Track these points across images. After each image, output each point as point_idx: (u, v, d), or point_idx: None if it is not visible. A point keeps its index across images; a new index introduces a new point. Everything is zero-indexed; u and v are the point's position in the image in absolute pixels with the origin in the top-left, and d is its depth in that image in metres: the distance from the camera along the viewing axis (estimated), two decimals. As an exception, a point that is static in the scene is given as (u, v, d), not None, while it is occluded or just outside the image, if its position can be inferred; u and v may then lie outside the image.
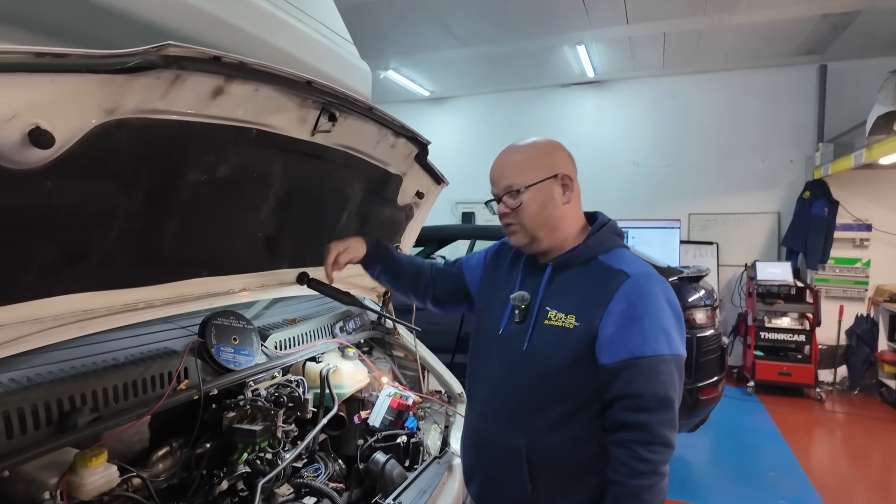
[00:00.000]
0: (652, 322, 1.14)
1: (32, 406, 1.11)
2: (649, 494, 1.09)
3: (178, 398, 1.38)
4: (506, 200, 1.26)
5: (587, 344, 1.16)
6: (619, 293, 1.16)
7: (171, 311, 1.37)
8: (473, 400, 1.39)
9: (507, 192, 1.26)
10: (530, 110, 7.43)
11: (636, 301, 1.15)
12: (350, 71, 2.08)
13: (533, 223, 1.25)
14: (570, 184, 1.28)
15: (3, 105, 0.76)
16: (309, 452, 1.80)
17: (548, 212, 1.25)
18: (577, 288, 1.22)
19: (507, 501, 1.26)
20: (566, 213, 1.28)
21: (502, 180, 1.27)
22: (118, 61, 0.86)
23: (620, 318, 1.14)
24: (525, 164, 1.26)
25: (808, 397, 5.55)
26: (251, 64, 1.06)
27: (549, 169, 1.26)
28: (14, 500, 1.12)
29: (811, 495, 3.51)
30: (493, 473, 1.29)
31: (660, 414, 1.11)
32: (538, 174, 1.25)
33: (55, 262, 1.02)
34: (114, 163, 0.99)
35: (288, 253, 1.67)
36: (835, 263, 5.92)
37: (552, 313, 1.22)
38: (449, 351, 3.63)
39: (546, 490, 1.20)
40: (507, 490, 1.24)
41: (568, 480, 1.20)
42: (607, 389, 1.15)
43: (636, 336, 1.13)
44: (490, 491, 1.30)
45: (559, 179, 1.26)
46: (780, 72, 6.21)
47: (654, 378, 1.12)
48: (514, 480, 1.22)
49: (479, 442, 1.33)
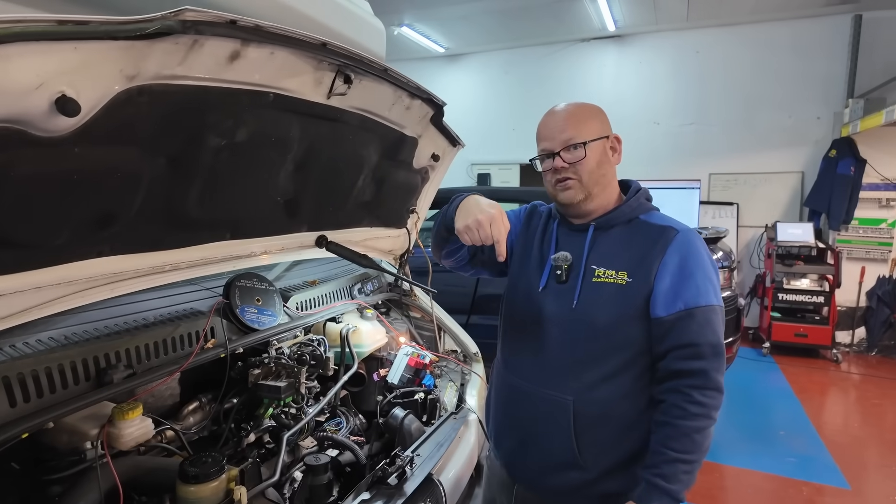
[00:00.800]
0: (703, 275, 1.18)
1: (72, 363, 1.17)
2: (700, 436, 1.12)
3: (206, 356, 1.43)
4: (563, 155, 1.24)
5: (641, 298, 1.19)
6: (672, 248, 1.20)
7: (196, 273, 1.41)
8: (510, 359, 1.39)
9: (565, 146, 1.24)
10: (548, 67, 7.25)
11: (687, 255, 1.19)
12: (364, 29, 2.04)
13: (591, 178, 1.25)
14: (618, 147, 1.31)
15: (30, 73, 0.78)
16: (331, 407, 1.88)
17: (604, 168, 1.27)
18: (625, 245, 1.25)
19: (548, 457, 1.26)
20: (614, 175, 1.32)
21: (562, 133, 1.24)
22: (137, 27, 0.87)
23: (675, 271, 1.18)
24: (584, 121, 1.26)
25: (824, 358, 5.55)
26: (266, 27, 1.06)
27: (605, 129, 1.28)
28: (59, 449, 1.20)
29: (822, 453, 3.56)
30: (534, 430, 1.29)
31: (714, 361, 1.14)
32: (597, 131, 1.26)
33: (85, 226, 1.05)
34: (137, 128, 1.01)
35: (307, 216, 1.70)
36: (858, 224, 5.81)
37: (600, 271, 1.24)
38: (465, 312, 3.69)
39: (589, 445, 1.22)
40: (549, 446, 1.25)
41: (611, 436, 1.22)
42: (661, 342, 1.17)
43: (691, 289, 1.16)
44: (528, 448, 1.31)
45: (611, 141, 1.29)
46: (811, 23, 5.93)
47: (707, 327, 1.15)
48: (558, 436, 1.23)
49: (517, 398, 1.33)
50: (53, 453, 1.20)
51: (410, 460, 1.48)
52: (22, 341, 1.16)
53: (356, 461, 1.58)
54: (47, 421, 1.07)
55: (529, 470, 1.33)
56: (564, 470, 1.24)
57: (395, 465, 1.42)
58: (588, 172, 1.25)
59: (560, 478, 1.25)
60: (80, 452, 1.21)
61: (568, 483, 1.24)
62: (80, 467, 1.19)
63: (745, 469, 3.37)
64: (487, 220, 1.15)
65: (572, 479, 1.24)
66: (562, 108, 1.30)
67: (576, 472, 1.23)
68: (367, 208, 1.95)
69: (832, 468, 3.37)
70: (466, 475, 1.74)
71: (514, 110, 7.40)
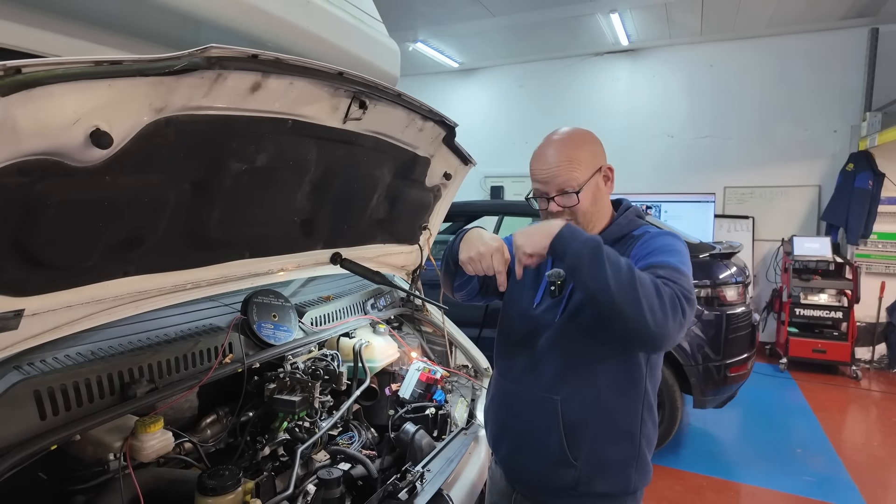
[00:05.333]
0: (668, 243, 1.24)
1: (98, 377, 1.23)
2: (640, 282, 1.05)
3: (224, 371, 1.48)
4: (558, 201, 1.30)
5: None
6: (641, 241, 1.28)
7: (217, 290, 1.47)
8: (504, 365, 1.43)
9: (559, 192, 1.29)
10: (561, 81, 7.29)
11: (651, 237, 1.27)
12: (379, 51, 2.11)
13: (586, 217, 1.31)
14: (611, 175, 1.35)
15: (68, 111, 0.84)
16: (344, 422, 1.91)
17: (598, 205, 1.33)
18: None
19: (541, 457, 1.29)
20: (608, 203, 1.39)
21: (554, 180, 1.28)
22: (166, 64, 0.93)
23: (639, 248, 1.26)
24: (575, 161, 1.28)
25: (843, 375, 5.46)
26: (286, 59, 1.11)
27: (595, 164, 1.31)
28: (84, 460, 1.26)
29: (840, 473, 3.50)
30: (525, 430, 1.33)
31: (685, 281, 1.12)
32: (589, 168, 1.29)
33: (114, 248, 1.11)
34: (163, 157, 1.07)
35: (322, 234, 1.75)
36: (877, 238, 5.72)
37: None
38: (476, 325, 3.72)
39: (579, 443, 1.25)
40: (542, 445, 1.28)
41: (601, 434, 1.25)
42: None
43: (654, 255, 1.21)
44: (522, 450, 1.34)
45: (603, 171, 1.33)
46: (827, 36, 5.91)
47: (675, 272, 1.14)
48: (549, 435, 1.26)
49: (511, 402, 1.37)
50: (79, 464, 1.25)
51: (421, 475, 1.51)
52: (52, 356, 1.22)
53: (368, 475, 1.61)
54: (75, 433, 1.12)
55: (526, 472, 1.36)
56: (557, 468, 1.27)
57: (405, 481, 1.45)
58: (583, 213, 1.30)
59: (554, 477, 1.28)
60: (104, 464, 1.26)
61: (562, 482, 1.27)
62: (103, 478, 1.24)
63: (761, 488, 3.32)
64: (489, 252, 1.20)
65: (566, 478, 1.26)
66: (553, 147, 1.31)
67: (568, 471, 1.25)
68: (381, 225, 1.99)
69: (850, 488, 3.31)
70: (476, 491, 1.76)
71: (528, 124, 7.44)
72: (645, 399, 1.29)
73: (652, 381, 1.31)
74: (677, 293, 1.07)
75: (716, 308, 3.49)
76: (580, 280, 1.10)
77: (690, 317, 1.09)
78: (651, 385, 1.31)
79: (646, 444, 1.30)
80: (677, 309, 1.05)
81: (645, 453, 1.30)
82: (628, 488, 1.28)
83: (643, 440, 1.29)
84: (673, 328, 1.05)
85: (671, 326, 1.04)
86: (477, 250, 1.22)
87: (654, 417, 1.34)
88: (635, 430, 1.27)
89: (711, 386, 3.47)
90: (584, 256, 1.08)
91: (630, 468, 1.27)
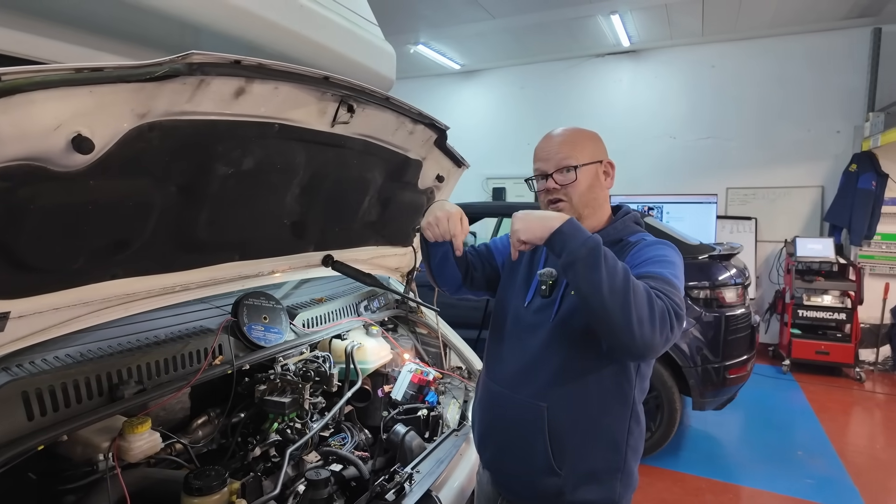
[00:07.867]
0: (663, 254, 1.22)
1: (86, 378, 1.24)
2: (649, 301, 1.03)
3: (214, 372, 1.50)
4: (556, 177, 1.31)
5: None
6: (635, 248, 1.27)
7: (206, 292, 1.48)
8: (493, 369, 1.42)
9: (558, 168, 1.31)
10: (562, 82, 7.29)
11: (647, 246, 1.26)
12: (374, 54, 2.11)
13: (581, 200, 1.31)
14: (611, 171, 1.37)
15: (49, 117, 0.85)
16: (336, 423, 1.93)
17: (594, 192, 1.33)
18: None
19: (525, 463, 1.28)
20: (605, 199, 1.38)
21: (556, 155, 1.31)
22: (147, 71, 0.94)
23: (634, 255, 1.25)
24: (578, 145, 1.32)
25: (846, 377, 5.42)
26: (269, 65, 1.13)
27: (598, 154, 1.35)
28: (73, 460, 1.27)
29: (841, 475, 3.48)
30: (510, 434, 1.31)
31: (676, 297, 1.10)
32: (590, 155, 1.32)
33: (101, 251, 1.13)
34: (148, 161, 1.08)
35: (313, 237, 1.76)
36: (881, 240, 5.68)
37: None
38: (476, 326, 3.72)
39: (564, 452, 1.24)
40: (525, 452, 1.27)
41: (586, 443, 1.24)
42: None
43: (648, 264, 1.19)
44: (506, 453, 1.33)
45: (604, 166, 1.35)
46: (829, 36, 5.88)
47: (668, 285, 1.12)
48: (534, 442, 1.25)
49: (496, 404, 1.36)
50: (67, 464, 1.27)
51: (409, 476, 1.52)
52: (40, 358, 1.24)
53: (360, 476, 1.62)
54: (62, 434, 1.14)
55: (510, 476, 1.35)
56: (541, 476, 1.25)
57: (393, 482, 1.46)
58: (578, 195, 1.30)
59: (538, 485, 1.27)
60: (93, 464, 1.28)
61: (546, 490, 1.26)
62: (92, 478, 1.25)
63: (760, 490, 3.31)
64: (445, 216, 1.25)
65: (550, 486, 1.25)
66: (559, 132, 1.36)
67: (552, 479, 1.24)
68: (374, 228, 2.00)
69: (851, 491, 3.29)
70: (466, 492, 1.77)
71: (530, 125, 7.44)
72: (633, 409, 1.27)
73: (640, 391, 1.30)
74: (668, 307, 1.05)
75: (715, 309, 3.47)
76: (573, 279, 1.08)
77: (678, 332, 1.08)
78: (639, 394, 1.30)
79: (631, 454, 1.28)
80: (666, 323, 1.03)
81: (631, 464, 1.28)
82: (613, 498, 1.26)
83: (629, 451, 1.27)
84: (658, 342, 1.03)
85: (657, 340, 1.02)
86: (434, 215, 1.27)
87: (642, 427, 1.32)
88: (622, 440, 1.25)
89: (710, 388, 3.46)
90: (580, 256, 1.05)
91: (615, 479, 1.25)
